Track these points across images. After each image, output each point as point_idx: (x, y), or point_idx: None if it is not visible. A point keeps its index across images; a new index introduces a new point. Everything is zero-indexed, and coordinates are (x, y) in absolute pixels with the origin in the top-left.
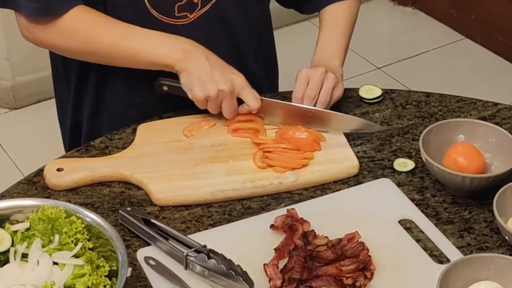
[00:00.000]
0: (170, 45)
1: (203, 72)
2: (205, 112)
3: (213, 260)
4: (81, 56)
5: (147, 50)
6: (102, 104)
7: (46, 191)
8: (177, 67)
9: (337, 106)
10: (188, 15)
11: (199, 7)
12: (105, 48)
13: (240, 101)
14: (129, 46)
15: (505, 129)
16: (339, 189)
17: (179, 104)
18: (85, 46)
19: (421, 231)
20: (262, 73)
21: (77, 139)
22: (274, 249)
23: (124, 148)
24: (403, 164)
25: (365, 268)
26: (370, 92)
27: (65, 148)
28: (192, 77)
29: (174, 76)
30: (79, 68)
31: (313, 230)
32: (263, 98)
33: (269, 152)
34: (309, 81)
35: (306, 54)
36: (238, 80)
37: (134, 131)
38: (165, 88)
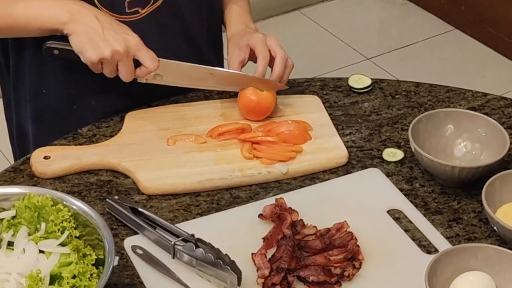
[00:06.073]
0: (55, 7)
1: (94, 33)
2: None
3: (201, 249)
4: None
5: (32, 17)
6: (45, 105)
7: (32, 179)
8: (65, 29)
9: (326, 93)
10: (140, 11)
11: (151, 2)
12: None
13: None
14: (13, 16)
15: (494, 119)
16: (328, 179)
17: (142, 102)
18: None
19: (410, 221)
20: (215, 59)
21: (24, 143)
22: (262, 238)
23: (112, 136)
24: (392, 154)
25: (353, 257)
26: (359, 81)
27: (14, 155)
28: (83, 39)
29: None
30: (14, 62)
31: (301, 220)
32: (161, 59)
33: (257, 143)
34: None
35: (295, 44)
36: (133, 40)
37: (122, 119)
38: (55, 52)
